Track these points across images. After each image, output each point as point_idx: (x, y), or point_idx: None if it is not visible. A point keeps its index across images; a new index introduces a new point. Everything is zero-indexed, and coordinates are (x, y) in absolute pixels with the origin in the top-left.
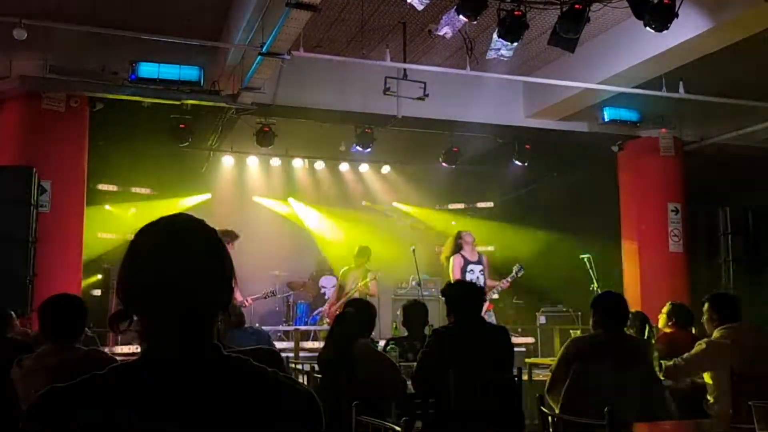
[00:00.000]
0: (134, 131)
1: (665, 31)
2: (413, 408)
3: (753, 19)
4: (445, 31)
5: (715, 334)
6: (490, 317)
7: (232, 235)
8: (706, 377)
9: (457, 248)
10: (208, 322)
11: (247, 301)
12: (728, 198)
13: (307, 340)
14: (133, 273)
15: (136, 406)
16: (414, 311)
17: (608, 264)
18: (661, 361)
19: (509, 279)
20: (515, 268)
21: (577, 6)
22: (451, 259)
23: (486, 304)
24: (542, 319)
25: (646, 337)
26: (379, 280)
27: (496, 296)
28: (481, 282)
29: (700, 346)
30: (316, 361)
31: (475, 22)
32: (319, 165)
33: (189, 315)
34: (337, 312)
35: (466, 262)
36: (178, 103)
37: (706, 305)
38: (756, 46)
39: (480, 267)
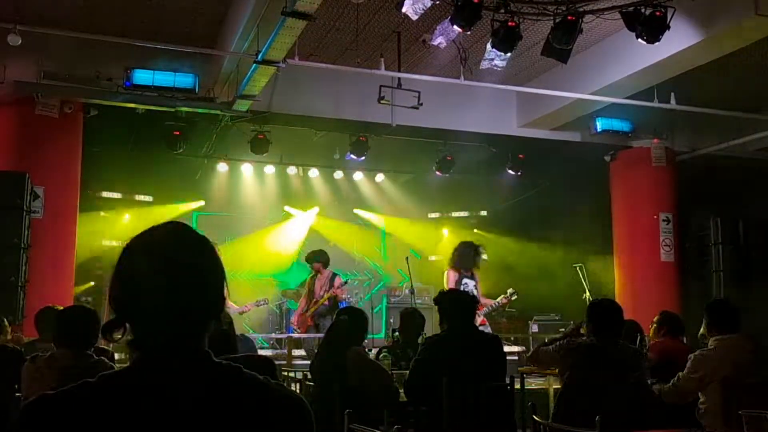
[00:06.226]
0: (129, 138)
1: (657, 43)
2: (406, 416)
3: (744, 32)
4: (440, 41)
5: (711, 343)
6: (486, 330)
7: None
8: None
9: (467, 262)
10: (200, 329)
11: (246, 307)
12: (719, 208)
13: (300, 347)
14: (125, 281)
15: (127, 413)
16: (411, 319)
17: (600, 273)
18: (654, 383)
19: (502, 300)
20: (509, 291)
21: (570, 17)
22: (446, 273)
23: (480, 319)
24: (535, 328)
25: (638, 346)
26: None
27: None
28: None
29: (692, 360)
30: (309, 368)
31: (469, 33)
32: (314, 173)
33: (181, 322)
34: (309, 320)
35: (461, 276)
36: (172, 110)
37: (705, 313)
38: (747, 57)
39: (473, 282)
